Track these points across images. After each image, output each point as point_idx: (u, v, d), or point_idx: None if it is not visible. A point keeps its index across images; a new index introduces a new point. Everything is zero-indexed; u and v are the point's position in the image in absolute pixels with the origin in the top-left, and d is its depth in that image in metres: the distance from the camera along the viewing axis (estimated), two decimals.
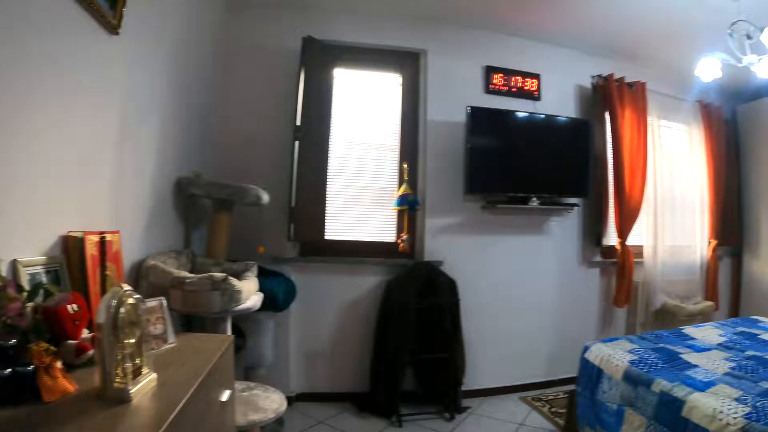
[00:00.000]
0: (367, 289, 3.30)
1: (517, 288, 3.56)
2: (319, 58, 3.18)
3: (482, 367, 3.43)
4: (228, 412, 1.43)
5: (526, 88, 3.58)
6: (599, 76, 3.78)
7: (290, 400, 3.06)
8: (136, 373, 0.98)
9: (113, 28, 1.63)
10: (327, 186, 3.34)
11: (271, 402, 2.10)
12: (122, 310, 0.94)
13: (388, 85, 3.53)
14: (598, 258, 3.81)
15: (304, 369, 3.24)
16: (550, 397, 3.42)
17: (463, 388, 3.26)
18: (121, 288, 0.96)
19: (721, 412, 1.77)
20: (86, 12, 1.47)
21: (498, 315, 3.50)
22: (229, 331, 2.06)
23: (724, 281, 4.53)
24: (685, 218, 4.16)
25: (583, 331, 3.61)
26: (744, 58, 2.73)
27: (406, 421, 2.96)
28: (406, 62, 3.51)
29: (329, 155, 3.34)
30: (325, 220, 3.33)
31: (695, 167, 4.25)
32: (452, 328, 3.20)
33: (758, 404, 1.79)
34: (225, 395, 1.35)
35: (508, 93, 3.54)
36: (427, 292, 3.19)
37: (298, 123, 2.94)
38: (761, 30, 2.54)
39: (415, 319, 3.13)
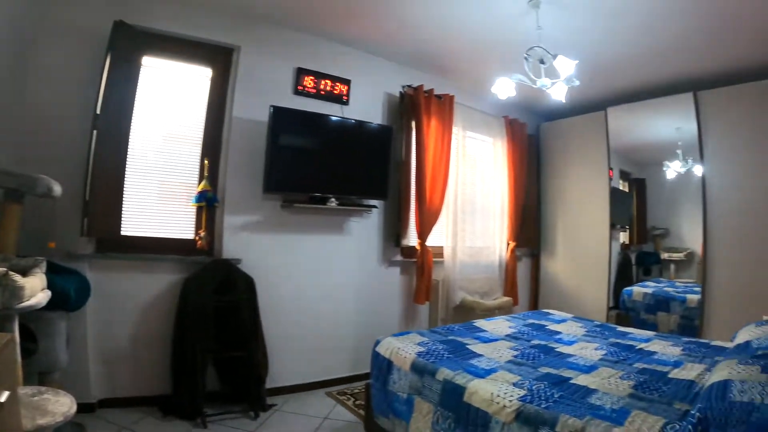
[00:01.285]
0: (165, 287, 3.16)
1: (318, 286, 3.65)
2: (129, 45, 2.98)
3: (287, 364, 3.47)
4: (11, 415, 1.29)
5: (335, 92, 3.70)
6: (409, 86, 4.02)
7: (92, 407, 2.88)
8: None
9: None
10: (125, 178, 3.14)
11: (61, 405, 1.93)
12: None
13: (198, 78, 3.43)
14: (399, 257, 4.06)
15: (106, 373, 3.02)
16: (355, 391, 3.55)
17: (268, 385, 3.27)
18: None
19: (498, 396, 1.92)
20: None
21: (300, 312, 3.56)
22: (16, 332, 1.88)
23: (524, 279, 5.10)
24: (487, 222, 4.59)
25: (387, 327, 3.78)
26: (538, 80, 2.97)
27: (211, 422, 2.90)
28: (219, 57, 3.44)
29: (129, 146, 3.15)
30: (122, 215, 3.14)
31: (498, 176, 4.72)
32: (251, 326, 3.19)
33: (534, 387, 1.98)
34: (3, 396, 1.22)
35: (317, 96, 3.63)
36: (225, 290, 3.15)
37: (98, 111, 2.76)
38: (554, 57, 2.78)
39: (213, 317, 3.07)
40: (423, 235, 3.96)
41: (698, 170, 4.15)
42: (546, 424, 1.71)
